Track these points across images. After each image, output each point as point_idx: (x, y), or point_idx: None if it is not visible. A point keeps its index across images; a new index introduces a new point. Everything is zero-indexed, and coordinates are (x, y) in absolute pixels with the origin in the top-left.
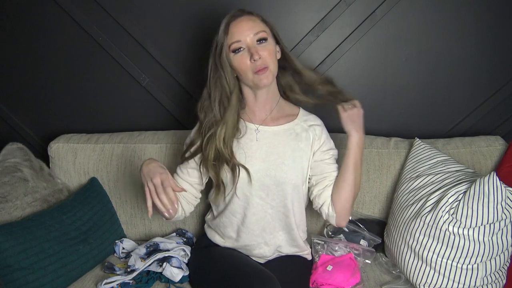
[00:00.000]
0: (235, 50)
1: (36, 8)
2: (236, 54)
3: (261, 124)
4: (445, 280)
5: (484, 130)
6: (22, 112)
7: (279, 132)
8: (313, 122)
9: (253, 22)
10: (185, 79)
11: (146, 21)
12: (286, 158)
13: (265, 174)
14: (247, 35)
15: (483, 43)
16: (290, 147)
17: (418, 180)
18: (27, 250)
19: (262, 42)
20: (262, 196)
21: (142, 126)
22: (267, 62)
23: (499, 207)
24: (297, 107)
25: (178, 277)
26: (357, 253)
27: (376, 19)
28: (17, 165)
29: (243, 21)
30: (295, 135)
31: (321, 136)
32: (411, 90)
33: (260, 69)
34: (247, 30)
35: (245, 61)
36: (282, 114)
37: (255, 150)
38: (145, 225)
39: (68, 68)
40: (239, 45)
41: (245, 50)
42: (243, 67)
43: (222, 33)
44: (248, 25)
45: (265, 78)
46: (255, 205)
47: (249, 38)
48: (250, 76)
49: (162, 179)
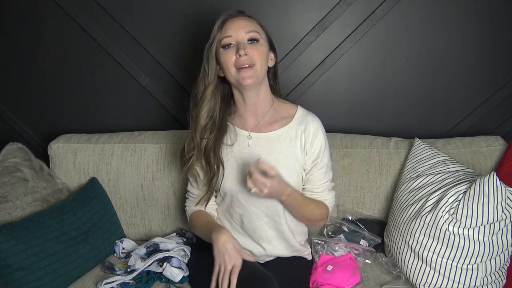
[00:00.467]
0: (225, 45)
1: (36, 8)
2: (225, 50)
3: (253, 131)
4: (445, 280)
5: (484, 130)
6: (22, 112)
7: (272, 138)
8: (309, 125)
9: (249, 22)
10: (185, 79)
11: (146, 21)
12: (280, 165)
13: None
14: (239, 31)
15: (483, 43)
16: (284, 154)
17: (418, 180)
18: (27, 250)
19: (254, 42)
20: (256, 204)
21: (142, 126)
22: (254, 60)
23: (499, 207)
24: (295, 106)
25: (179, 277)
26: (357, 253)
27: (376, 19)
28: (17, 165)
29: (239, 19)
30: (289, 140)
31: (314, 142)
32: (411, 90)
33: (243, 66)
34: (241, 27)
35: (231, 57)
36: (276, 118)
37: (247, 158)
38: (145, 225)
39: (68, 68)
40: (229, 41)
41: (234, 47)
42: (227, 62)
43: (216, 28)
44: (243, 23)
45: (248, 77)
46: (251, 213)
47: (240, 35)
48: (233, 72)
49: (234, 265)
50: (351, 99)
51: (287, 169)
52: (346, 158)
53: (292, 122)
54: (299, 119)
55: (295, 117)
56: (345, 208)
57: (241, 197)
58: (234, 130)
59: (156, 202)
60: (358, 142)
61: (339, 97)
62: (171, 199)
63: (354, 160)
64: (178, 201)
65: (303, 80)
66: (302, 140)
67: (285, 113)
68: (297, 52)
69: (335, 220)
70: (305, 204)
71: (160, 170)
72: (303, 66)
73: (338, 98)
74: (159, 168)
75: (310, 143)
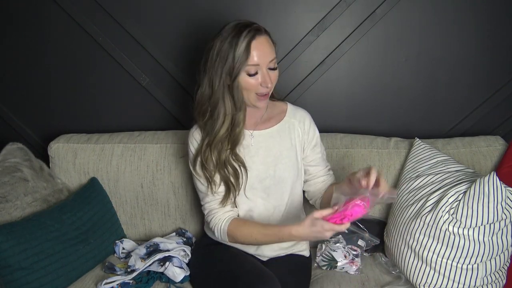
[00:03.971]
0: (251, 74)
1: (36, 8)
2: (251, 77)
3: (254, 129)
4: (445, 280)
5: (484, 130)
6: (22, 112)
7: (272, 133)
8: (301, 117)
9: (269, 46)
10: (185, 79)
11: (146, 21)
12: (283, 157)
13: (265, 176)
14: (265, 60)
15: (483, 43)
16: (285, 146)
17: (418, 180)
18: (27, 250)
19: (273, 70)
20: (263, 196)
21: (142, 126)
22: (271, 87)
23: (499, 207)
24: (284, 103)
25: (180, 277)
26: (355, 253)
27: (376, 19)
28: (17, 165)
29: (263, 43)
30: (287, 133)
31: (310, 130)
32: (411, 90)
33: (264, 95)
34: (267, 55)
35: (254, 83)
36: (271, 114)
37: (253, 155)
38: (145, 225)
39: (68, 68)
40: (257, 69)
41: (258, 74)
42: (249, 88)
43: (244, 51)
44: (268, 49)
45: (264, 102)
46: (259, 205)
47: (265, 64)
48: (252, 97)
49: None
50: (351, 99)
51: (289, 160)
52: (346, 158)
53: (287, 117)
54: (291, 113)
55: (288, 111)
56: None
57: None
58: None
59: (156, 202)
60: (358, 142)
61: (339, 97)
62: (171, 199)
63: (354, 160)
64: (178, 201)
65: (303, 80)
66: (299, 131)
67: (277, 109)
68: (297, 52)
69: None
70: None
71: (160, 170)
72: (303, 66)
73: (338, 98)
74: (159, 168)
75: (307, 132)
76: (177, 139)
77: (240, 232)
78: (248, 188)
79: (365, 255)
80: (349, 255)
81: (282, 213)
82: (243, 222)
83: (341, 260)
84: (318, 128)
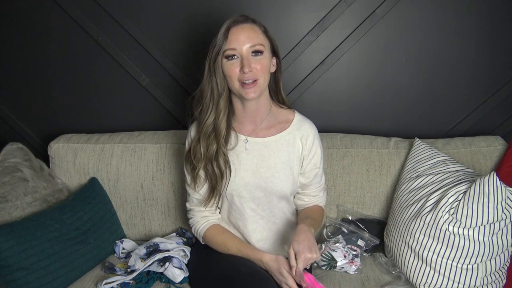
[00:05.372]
0: (228, 56)
1: (36, 8)
2: (229, 61)
3: (250, 135)
4: (445, 280)
5: (484, 130)
6: (22, 112)
7: (269, 143)
8: (306, 131)
9: (253, 32)
10: (185, 79)
11: (146, 21)
12: (277, 170)
13: (255, 187)
14: (243, 44)
15: (483, 43)
16: (281, 159)
17: (418, 180)
18: (27, 250)
19: (258, 54)
20: (252, 207)
21: (142, 126)
22: (257, 75)
23: (499, 207)
24: (292, 111)
25: (180, 278)
26: (355, 253)
27: (376, 19)
28: (17, 165)
29: (243, 28)
30: (286, 145)
31: (312, 149)
32: (411, 90)
33: (247, 82)
34: (245, 39)
35: (235, 70)
36: (274, 122)
37: (245, 162)
38: (145, 225)
39: (68, 68)
40: (233, 53)
41: (238, 59)
42: (231, 75)
43: (221, 36)
44: (247, 34)
45: (251, 92)
46: (247, 216)
47: (245, 48)
48: (236, 85)
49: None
50: (351, 99)
51: (283, 174)
52: (346, 158)
53: (290, 128)
54: (296, 125)
55: (293, 122)
56: (345, 208)
57: (237, 200)
58: (236, 134)
59: (156, 202)
60: (358, 142)
61: (339, 97)
62: (171, 199)
63: (354, 160)
64: (178, 201)
65: (303, 80)
66: (299, 146)
67: (282, 118)
68: (297, 52)
69: (334, 221)
70: (316, 226)
71: (160, 170)
72: (303, 66)
73: (338, 98)
74: (159, 168)
75: (309, 150)
76: (177, 139)
77: (216, 240)
78: (235, 195)
79: (365, 255)
80: (348, 255)
81: (270, 227)
82: (222, 231)
83: (341, 260)
84: (318, 128)
